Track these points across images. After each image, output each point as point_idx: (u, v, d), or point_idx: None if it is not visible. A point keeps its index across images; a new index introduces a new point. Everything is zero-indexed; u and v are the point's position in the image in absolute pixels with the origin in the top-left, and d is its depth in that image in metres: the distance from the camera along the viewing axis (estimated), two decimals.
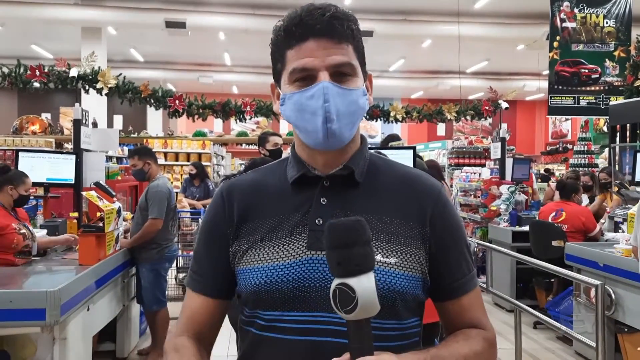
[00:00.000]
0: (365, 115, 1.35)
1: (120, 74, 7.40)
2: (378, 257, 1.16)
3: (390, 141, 5.46)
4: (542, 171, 14.16)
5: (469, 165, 11.98)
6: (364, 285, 0.96)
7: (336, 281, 0.98)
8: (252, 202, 1.27)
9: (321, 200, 1.22)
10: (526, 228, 6.81)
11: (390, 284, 1.16)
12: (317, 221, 1.20)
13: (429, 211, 1.24)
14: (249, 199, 1.28)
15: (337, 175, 1.23)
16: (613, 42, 9.71)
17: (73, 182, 5.43)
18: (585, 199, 7.56)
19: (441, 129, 24.56)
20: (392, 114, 8.31)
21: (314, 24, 1.15)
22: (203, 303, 1.28)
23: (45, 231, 4.80)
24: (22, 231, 4.08)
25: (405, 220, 1.22)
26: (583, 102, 9.69)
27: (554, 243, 6.10)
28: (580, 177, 8.21)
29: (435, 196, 1.27)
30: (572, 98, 9.68)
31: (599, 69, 9.70)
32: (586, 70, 9.68)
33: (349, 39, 1.19)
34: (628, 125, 7.58)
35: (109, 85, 7.09)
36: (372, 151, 1.35)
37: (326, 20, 1.15)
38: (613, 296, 4.52)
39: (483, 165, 11.00)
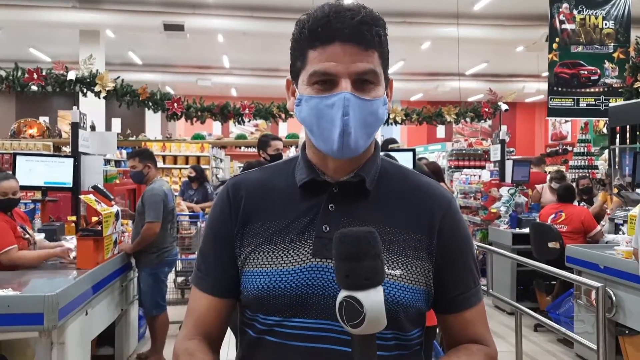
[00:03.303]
0: None
1: (118, 77, 7.38)
2: (385, 270, 1.14)
3: (389, 144, 5.46)
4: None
5: (469, 167, 12.00)
6: (373, 299, 0.93)
7: (343, 293, 0.95)
8: (258, 202, 1.25)
9: (329, 207, 1.20)
10: (526, 230, 6.80)
11: (394, 296, 1.14)
12: (323, 228, 1.17)
13: (438, 223, 1.22)
14: (255, 199, 1.25)
15: (347, 182, 1.21)
16: (612, 44, 9.69)
17: (71, 185, 5.42)
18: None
19: (441, 131, 24.52)
20: (391, 116, 8.29)
21: (342, 27, 1.10)
22: (211, 303, 1.24)
23: (43, 235, 4.78)
24: (26, 236, 4.06)
25: (413, 231, 1.20)
26: (582, 104, 9.68)
27: (550, 244, 6.10)
28: (565, 177, 8.23)
29: (445, 207, 1.24)
30: (571, 100, 9.66)
31: (599, 71, 9.68)
32: (585, 72, 9.66)
33: (376, 46, 1.14)
34: (628, 127, 7.56)
35: (107, 89, 7.07)
36: (382, 154, 1.33)
37: (354, 25, 1.10)
38: (614, 298, 4.51)
39: (483, 168, 11.01)
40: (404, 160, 4.20)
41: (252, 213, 1.24)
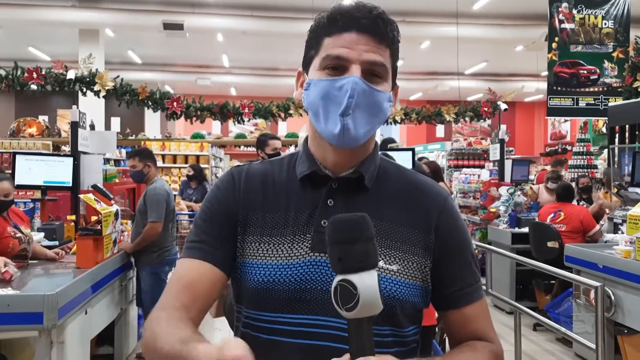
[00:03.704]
0: None
1: (118, 76, 7.38)
2: (380, 264, 1.14)
3: (388, 143, 5.48)
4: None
5: (468, 166, 11.99)
6: (366, 282, 0.93)
7: (338, 277, 0.95)
8: (259, 192, 1.25)
9: (328, 202, 1.21)
10: (525, 230, 6.81)
11: (391, 291, 1.15)
12: (322, 222, 1.18)
13: (435, 219, 1.23)
14: (256, 189, 1.26)
15: (346, 178, 1.22)
16: (611, 43, 9.69)
17: (70, 184, 5.42)
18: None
19: (440, 130, 24.54)
20: (391, 115, 8.30)
21: (360, 17, 1.15)
22: (203, 269, 1.18)
23: (42, 234, 4.78)
24: (17, 235, 4.02)
25: (410, 228, 1.21)
26: (582, 103, 9.67)
27: (549, 244, 6.11)
28: (561, 177, 8.24)
29: (442, 205, 1.25)
30: (571, 99, 9.65)
31: (598, 70, 9.67)
32: (585, 72, 9.65)
33: (389, 43, 1.18)
34: (627, 126, 7.57)
35: (107, 88, 7.07)
36: (379, 153, 1.34)
37: (373, 18, 1.15)
38: (612, 298, 4.51)
39: (482, 167, 11.01)
40: (403, 159, 4.21)
41: (253, 202, 1.24)
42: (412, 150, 4.61)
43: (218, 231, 1.23)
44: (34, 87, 6.96)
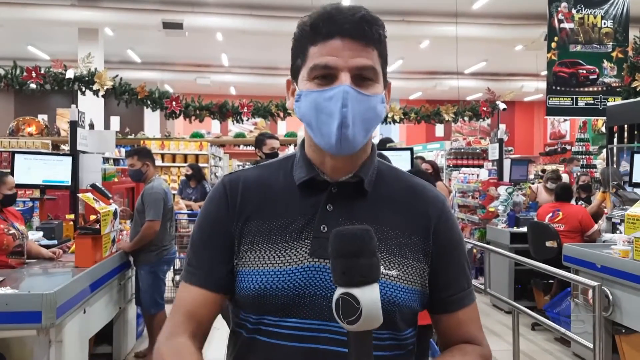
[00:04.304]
0: None
1: (117, 75, 7.38)
2: (380, 269, 1.12)
3: (386, 143, 5.49)
4: (540, 172, 14.16)
5: (467, 166, 11.99)
6: (369, 296, 0.93)
7: (340, 290, 0.95)
8: (256, 200, 1.23)
9: (327, 207, 1.19)
10: (524, 229, 6.81)
11: (390, 296, 1.15)
12: (322, 228, 1.17)
13: (433, 224, 1.23)
14: (252, 197, 1.24)
15: (345, 183, 1.21)
16: (611, 43, 9.70)
17: (69, 184, 5.43)
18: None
19: (439, 129, 24.56)
20: (390, 114, 8.29)
21: (343, 22, 1.12)
22: (203, 298, 1.20)
23: (41, 233, 4.79)
24: (11, 232, 4.01)
25: (409, 232, 1.21)
26: (581, 103, 9.68)
27: (548, 244, 6.11)
28: (561, 178, 8.24)
29: (440, 209, 1.25)
30: (570, 99, 9.66)
31: (597, 70, 9.68)
32: (584, 71, 9.65)
33: (376, 44, 1.16)
34: (626, 126, 7.57)
35: (106, 87, 7.07)
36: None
37: (356, 21, 1.12)
38: (610, 297, 4.51)
39: (481, 166, 11.01)
40: (402, 159, 4.22)
41: (249, 211, 1.22)
42: (411, 150, 4.62)
43: (214, 251, 1.23)
44: (33, 86, 6.95)
